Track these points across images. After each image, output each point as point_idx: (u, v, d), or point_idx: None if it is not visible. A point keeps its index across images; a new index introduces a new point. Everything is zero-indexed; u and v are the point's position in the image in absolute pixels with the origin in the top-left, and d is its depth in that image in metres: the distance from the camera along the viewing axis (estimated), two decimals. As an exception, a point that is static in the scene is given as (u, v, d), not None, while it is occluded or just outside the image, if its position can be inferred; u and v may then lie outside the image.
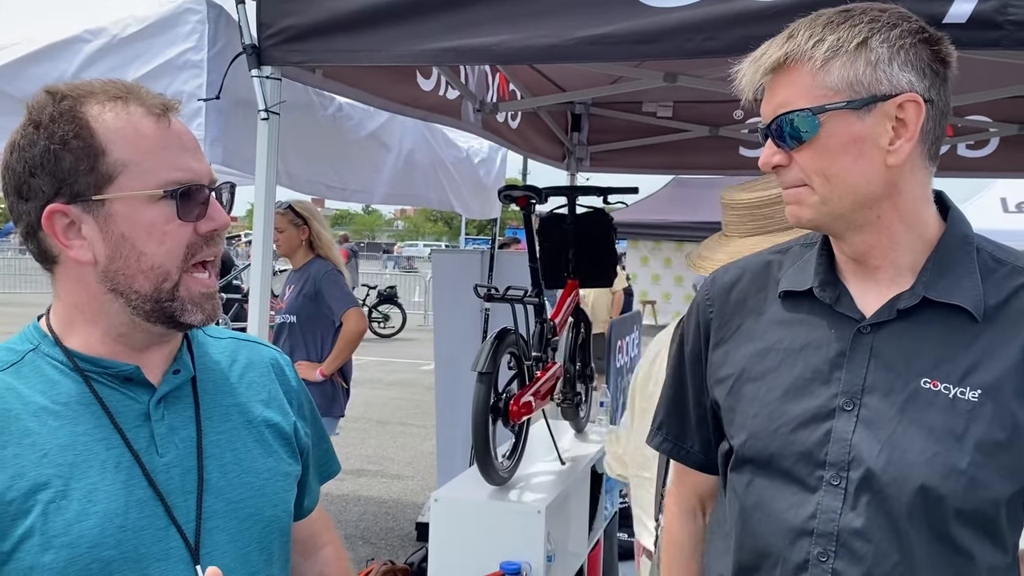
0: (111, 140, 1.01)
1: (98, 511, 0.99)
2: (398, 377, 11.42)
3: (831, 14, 1.15)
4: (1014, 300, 1.17)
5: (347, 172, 3.61)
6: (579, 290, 3.11)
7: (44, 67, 2.42)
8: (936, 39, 1.16)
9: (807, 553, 1.19)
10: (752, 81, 1.19)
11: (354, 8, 2.16)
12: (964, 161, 4.67)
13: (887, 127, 1.13)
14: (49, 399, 1.02)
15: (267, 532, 1.14)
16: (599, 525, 3.12)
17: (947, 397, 1.15)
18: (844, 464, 1.17)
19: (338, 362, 4.15)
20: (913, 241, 1.19)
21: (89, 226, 1.02)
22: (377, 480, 6.50)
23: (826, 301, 1.24)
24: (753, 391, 1.27)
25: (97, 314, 1.05)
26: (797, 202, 1.19)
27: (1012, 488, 1.14)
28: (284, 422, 1.21)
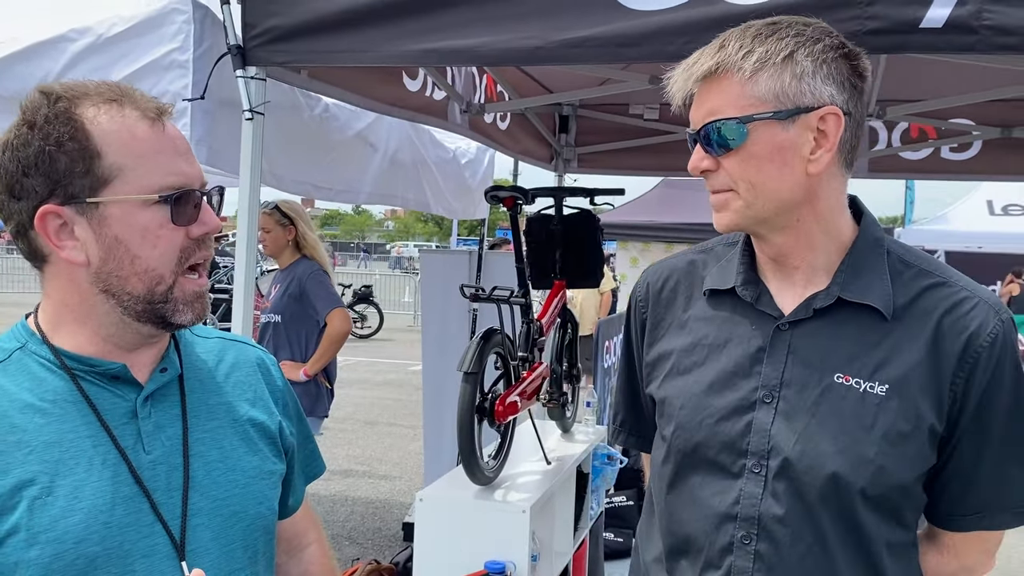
0: (107, 143, 1.02)
1: (83, 507, 1.00)
2: (386, 378, 11.42)
3: (760, 26, 1.22)
4: (919, 300, 1.25)
5: (333, 172, 3.61)
6: (566, 291, 3.12)
7: (29, 66, 2.42)
8: (855, 54, 1.23)
9: (731, 537, 1.27)
10: (683, 88, 1.25)
11: (339, 9, 2.17)
12: (947, 164, 4.71)
13: (809, 137, 1.20)
14: (36, 396, 1.03)
15: (251, 530, 1.15)
16: (585, 525, 3.13)
17: (858, 391, 1.23)
18: (764, 453, 1.26)
19: (322, 362, 4.15)
20: (829, 243, 1.27)
21: (82, 228, 1.03)
22: (364, 480, 6.50)
23: (747, 299, 1.31)
24: (681, 384, 1.35)
25: (87, 314, 1.06)
26: (723, 207, 1.26)
27: (914, 474, 1.24)
28: (269, 421, 1.22)
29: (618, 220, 12.97)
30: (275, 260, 4.38)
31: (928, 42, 1.79)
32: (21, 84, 2.42)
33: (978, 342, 1.22)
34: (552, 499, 2.72)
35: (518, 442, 2.75)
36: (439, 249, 22.21)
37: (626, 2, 1.97)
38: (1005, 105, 4.15)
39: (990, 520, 1.31)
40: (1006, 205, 14.05)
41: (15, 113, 2.61)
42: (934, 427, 1.23)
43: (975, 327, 1.23)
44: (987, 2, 1.75)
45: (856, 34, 1.83)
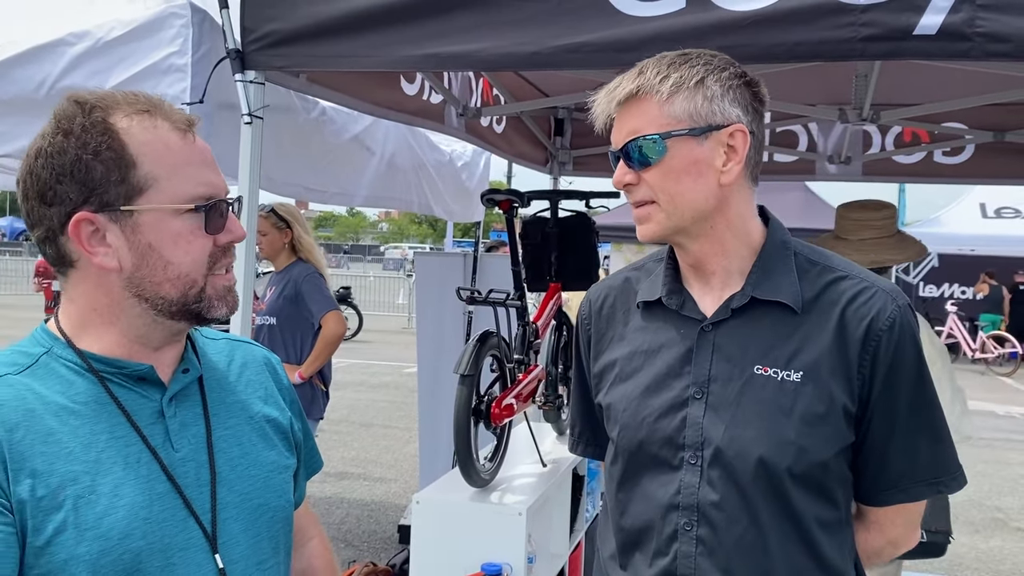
0: (142, 153, 1.05)
1: (124, 504, 1.03)
2: (381, 380, 11.41)
3: (673, 56, 1.36)
4: (824, 294, 1.38)
5: (327, 175, 3.62)
6: (561, 293, 3.13)
7: (28, 70, 2.43)
8: (755, 82, 1.38)
9: (676, 525, 1.38)
10: (606, 110, 1.38)
11: (337, 14, 2.18)
12: (941, 167, 4.74)
13: (720, 152, 1.34)
14: (68, 399, 1.05)
15: (274, 522, 1.20)
16: (580, 527, 3.14)
17: (776, 380, 1.35)
18: (698, 444, 1.37)
19: (317, 364, 4.15)
20: (740, 248, 1.41)
21: (114, 234, 1.06)
22: (360, 483, 6.50)
23: (673, 307, 1.44)
24: (623, 390, 1.47)
25: (116, 316, 1.10)
26: (646, 219, 1.39)
27: (832, 451, 1.34)
28: (281, 417, 1.27)
29: (613, 222, 13.01)
30: (271, 263, 4.38)
31: (922, 49, 1.81)
32: (20, 87, 2.43)
33: (878, 326, 1.34)
34: (548, 501, 2.73)
35: (514, 444, 2.76)
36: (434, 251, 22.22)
37: (623, 8, 1.99)
38: (998, 109, 4.18)
39: (906, 492, 1.41)
40: (999, 208, 14.13)
41: (13, 116, 2.61)
42: (847, 407, 1.34)
43: (874, 313, 1.35)
44: (980, 9, 1.77)
45: (851, 40, 1.85)
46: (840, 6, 1.85)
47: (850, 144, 4.63)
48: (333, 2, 2.18)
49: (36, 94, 2.42)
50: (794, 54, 1.88)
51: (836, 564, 1.38)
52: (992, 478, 7.27)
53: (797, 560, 1.35)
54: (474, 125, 3.98)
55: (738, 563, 1.34)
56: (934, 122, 4.31)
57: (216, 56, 2.36)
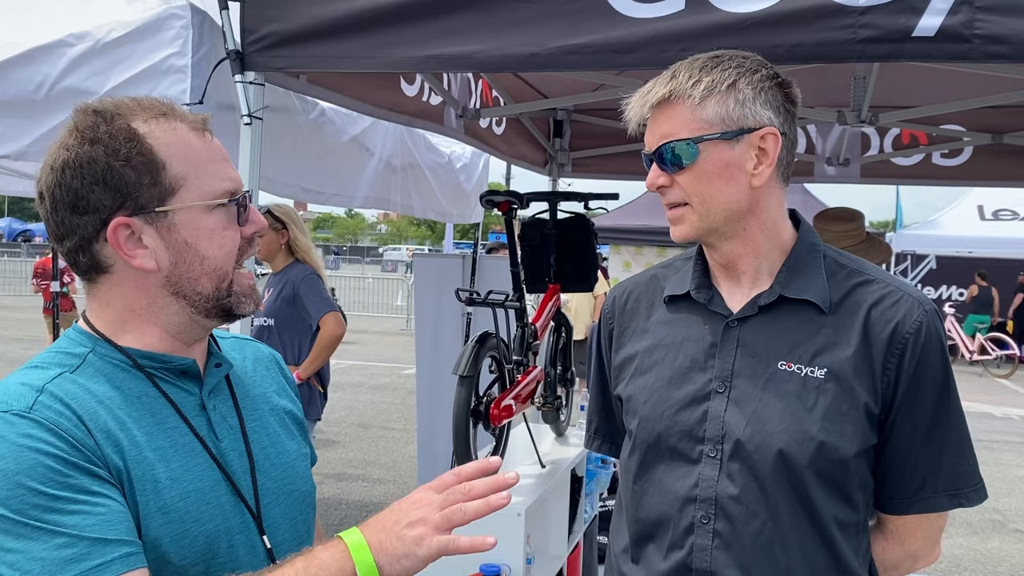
0: (169, 155, 1.09)
1: (193, 490, 1.09)
2: (379, 381, 11.41)
3: (705, 59, 1.38)
4: (851, 296, 1.40)
5: (325, 176, 3.62)
6: (560, 294, 3.14)
7: (28, 70, 2.42)
8: (787, 83, 1.39)
9: (692, 517, 1.39)
10: (639, 113, 1.40)
11: (337, 15, 2.18)
12: (938, 169, 4.75)
13: (752, 155, 1.36)
14: (121, 395, 1.08)
15: (305, 506, 1.27)
16: (579, 528, 3.14)
17: (799, 376, 1.36)
18: (719, 438, 1.38)
19: (315, 366, 4.15)
20: (771, 249, 1.43)
21: (150, 236, 1.09)
22: (358, 484, 6.50)
23: (701, 301, 1.46)
24: (643, 382, 1.48)
25: (155, 316, 1.13)
26: (680, 220, 1.41)
27: (853, 450, 1.35)
28: (296, 409, 1.34)
29: (611, 224, 13.02)
30: (268, 264, 4.38)
31: (921, 50, 1.82)
32: (19, 88, 2.43)
33: (904, 330, 1.36)
34: (547, 502, 2.74)
35: (512, 445, 2.77)
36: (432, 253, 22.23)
37: (622, 9, 1.99)
38: (996, 111, 4.19)
39: (925, 502, 1.41)
40: (997, 210, 14.13)
41: (11, 117, 2.61)
42: (869, 407, 1.35)
43: (900, 317, 1.36)
44: (979, 11, 1.77)
45: (849, 42, 1.86)
46: (838, 8, 1.85)
47: (848, 146, 4.64)
48: (333, 3, 2.19)
49: (35, 95, 2.42)
50: (793, 56, 1.89)
51: (853, 567, 1.38)
52: (990, 479, 7.25)
53: (814, 558, 1.36)
54: (473, 126, 3.98)
55: (755, 557, 1.35)
56: (932, 124, 4.32)
57: (216, 57, 2.36)
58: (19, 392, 1.02)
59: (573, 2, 2.02)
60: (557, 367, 3.16)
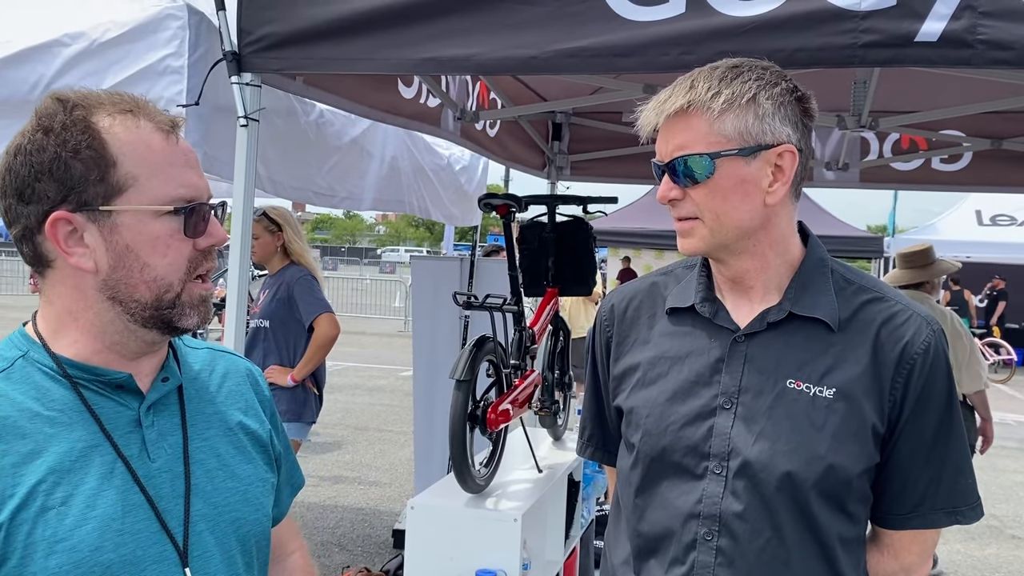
0: (122, 153, 1.03)
1: (97, 515, 1.01)
2: (376, 383, 11.39)
3: (724, 69, 1.34)
4: (860, 313, 1.38)
5: (334, 178, 3.62)
6: (558, 298, 3.12)
7: (22, 70, 2.40)
8: (806, 97, 1.36)
9: (695, 534, 1.37)
10: (653, 121, 1.36)
11: (335, 16, 2.17)
12: (938, 175, 4.74)
13: (768, 171, 1.33)
14: (42, 405, 1.03)
15: (250, 536, 1.17)
16: (576, 533, 3.13)
17: (808, 395, 1.35)
18: (724, 455, 1.36)
19: (309, 367, 4.13)
20: (780, 265, 1.41)
21: (92, 235, 1.04)
22: (354, 487, 6.47)
23: (706, 315, 1.43)
24: (646, 395, 1.45)
25: (91, 321, 1.07)
26: (689, 234, 1.38)
27: (858, 469, 1.34)
28: (261, 430, 1.24)
29: (609, 227, 13.02)
30: (265, 266, 4.36)
31: (923, 56, 1.81)
32: (13, 89, 2.41)
33: (913, 350, 1.35)
34: (543, 507, 2.72)
35: (509, 450, 2.75)
36: (430, 255, 22.19)
37: (622, 12, 1.98)
38: (996, 117, 4.19)
39: (923, 518, 1.41)
40: (995, 215, 14.15)
41: (5, 118, 2.58)
42: (876, 427, 1.35)
43: (910, 336, 1.35)
44: (982, 17, 1.76)
45: (851, 47, 1.85)
46: (840, 12, 1.84)
47: (848, 151, 4.63)
48: (330, 5, 2.17)
49: (30, 96, 2.40)
50: (793, 60, 1.87)
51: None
52: (987, 486, 7.26)
53: (816, 575, 1.35)
54: (469, 129, 3.97)
55: (758, 575, 1.34)
56: (932, 129, 4.31)
57: (213, 58, 2.34)
58: None
59: (572, 5, 2.01)
60: (555, 371, 3.15)
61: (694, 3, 1.92)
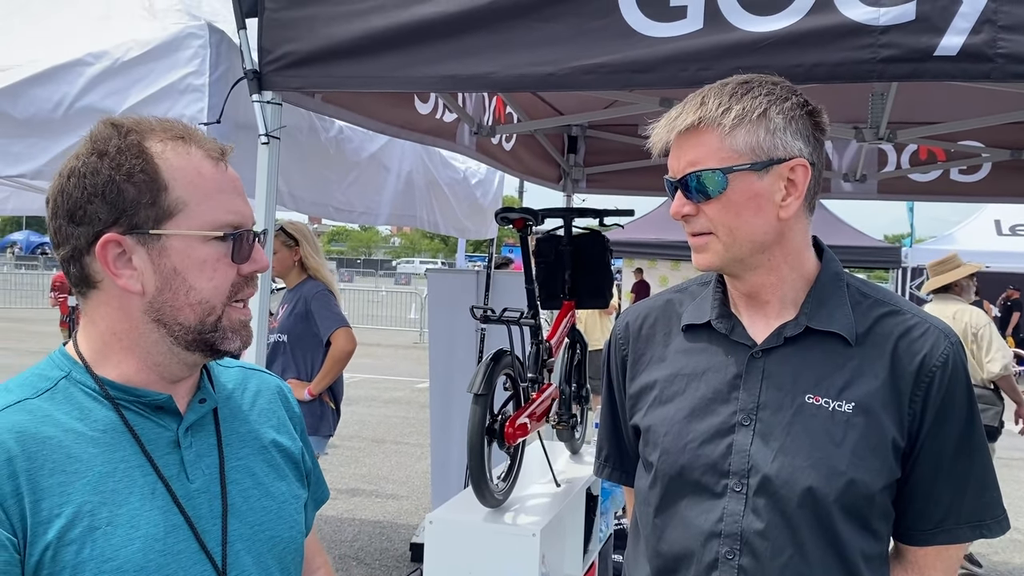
0: (174, 178, 1.06)
1: (141, 536, 1.03)
2: (392, 395, 11.41)
3: (735, 85, 1.35)
4: (877, 327, 1.38)
5: (352, 194, 3.64)
6: (575, 311, 3.12)
7: (47, 89, 2.44)
8: (817, 112, 1.37)
9: (716, 553, 1.36)
10: (665, 138, 1.37)
11: (354, 35, 2.19)
12: (957, 186, 4.71)
13: (780, 186, 1.33)
14: (86, 426, 1.05)
15: (286, 554, 1.19)
16: (594, 547, 3.12)
17: (827, 410, 1.34)
18: (744, 472, 1.35)
19: (326, 381, 4.15)
20: (796, 279, 1.40)
21: (140, 257, 1.06)
22: (372, 500, 6.48)
23: (722, 331, 1.43)
24: (663, 413, 1.45)
25: (135, 342, 1.09)
26: (703, 249, 1.38)
27: (880, 485, 1.34)
28: (293, 447, 1.27)
29: (624, 237, 12.99)
30: (282, 280, 4.39)
31: (942, 70, 1.80)
32: (38, 107, 2.44)
33: (931, 363, 1.34)
34: (562, 522, 2.71)
35: (527, 464, 2.75)
36: (446, 268, 22.25)
37: (640, 29, 1.98)
38: (1015, 127, 4.16)
39: (948, 533, 1.39)
40: (1014, 225, 14.03)
41: (34, 135, 2.62)
42: (896, 441, 1.34)
43: (928, 349, 1.35)
44: (1002, 30, 1.75)
45: (870, 62, 1.84)
46: (859, 27, 1.84)
47: (865, 162, 4.61)
48: (350, 23, 2.19)
49: (53, 114, 2.44)
50: (812, 76, 1.87)
51: None
52: (1009, 498, 7.16)
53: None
54: (484, 143, 3.98)
55: None
56: (951, 140, 4.29)
57: (233, 76, 2.37)
58: None
59: (590, 22, 2.02)
60: (572, 384, 3.15)
61: (712, 19, 1.93)
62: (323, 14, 2.21)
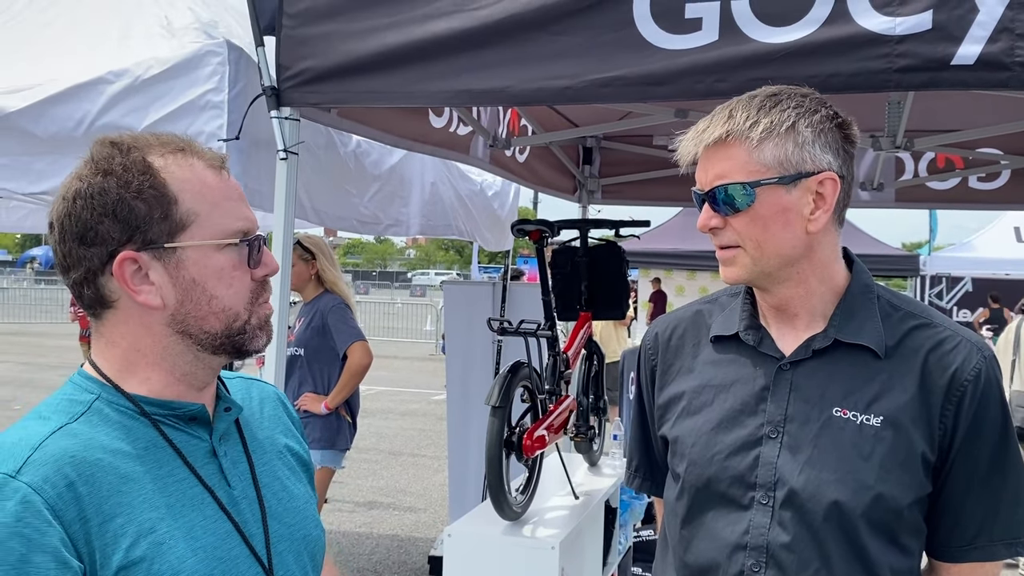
0: (182, 190, 1.07)
1: (200, 546, 1.05)
2: (409, 407, 11.42)
3: (763, 97, 1.35)
4: (907, 340, 1.37)
5: (376, 206, 3.67)
6: (592, 322, 3.12)
7: (68, 107, 2.47)
8: (847, 124, 1.36)
9: (742, 565, 1.35)
10: (693, 151, 1.37)
11: (371, 51, 2.21)
12: (976, 193, 4.68)
13: (809, 199, 1.33)
14: (129, 445, 1.05)
15: (316, 551, 1.24)
16: (613, 560, 3.10)
17: (855, 423, 1.33)
18: (771, 485, 1.35)
19: (342, 395, 4.16)
20: (825, 292, 1.39)
21: (157, 272, 1.07)
22: (389, 513, 6.48)
23: (751, 343, 1.43)
24: (691, 424, 1.45)
25: (161, 356, 1.10)
26: (731, 262, 1.38)
27: (909, 499, 1.32)
28: (302, 450, 1.31)
29: (641, 248, 12.97)
30: (299, 294, 4.41)
31: (960, 79, 1.79)
32: (60, 125, 2.48)
33: (963, 377, 1.32)
34: (581, 534, 2.70)
35: (545, 476, 2.74)
36: (461, 279, 22.28)
37: (655, 41, 1.98)
38: (1034, 134, 4.12)
39: (982, 550, 1.37)
40: (1034, 231, 13.90)
41: (52, 153, 2.65)
42: (926, 456, 1.32)
43: (959, 363, 1.33)
44: (1019, 39, 1.74)
45: (886, 72, 1.84)
46: (875, 37, 1.83)
47: (882, 171, 4.59)
48: (367, 40, 2.21)
49: (75, 132, 2.47)
50: (828, 86, 1.86)
51: None
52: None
53: None
54: (499, 156, 4.00)
55: None
56: (969, 148, 4.26)
57: (252, 93, 2.39)
58: (13, 449, 0.98)
59: (605, 35, 2.02)
60: (589, 396, 3.14)
61: (727, 30, 1.93)
62: (340, 31, 2.23)
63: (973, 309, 17.02)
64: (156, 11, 2.66)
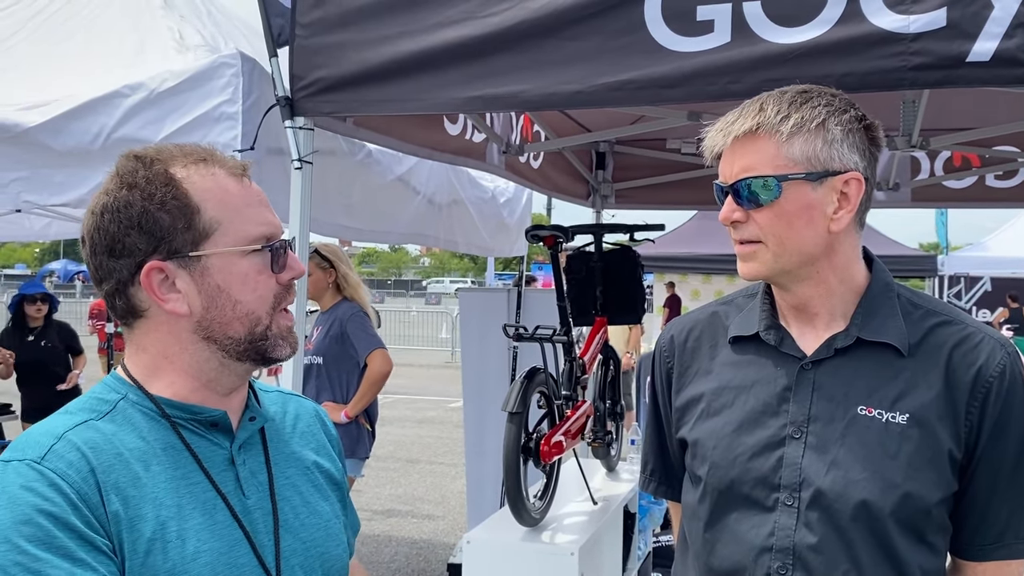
0: (204, 199, 1.09)
1: (209, 549, 1.06)
2: (426, 415, 11.42)
3: (794, 93, 1.34)
4: (930, 337, 1.36)
5: (367, 214, 3.68)
6: (607, 327, 3.11)
7: (86, 121, 2.50)
8: (873, 126, 1.36)
9: (768, 568, 1.33)
10: (719, 144, 1.36)
11: (383, 59, 2.22)
12: (992, 192, 4.64)
13: (833, 198, 1.32)
14: (147, 444, 1.07)
15: (334, 571, 1.22)
16: (632, 565, 3.09)
17: (880, 421, 1.32)
18: (796, 486, 1.33)
19: (362, 404, 4.16)
20: (845, 292, 1.38)
21: (183, 280, 1.09)
22: (408, 520, 6.48)
23: (771, 343, 1.41)
24: (711, 426, 1.43)
25: (188, 362, 1.12)
26: (751, 257, 1.36)
27: (937, 498, 1.31)
28: (334, 469, 1.30)
29: (655, 252, 12.93)
30: (316, 303, 4.42)
31: (975, 76, 1.78)
32: (78, 139, 2.51)
33: (988, 373, 1.31)
34: (600, 540, 2.69)
35: (563, 482, 2.74)
36: (477, 287, 22.29)
37: (667, 44, 1.98)
38: (1051, 131, 4.09)
39: (1008, 548, 1.36)
40: (1052, 230, 13.75)
41: (70, 167, 2.68)
42: (953, 453, 1.31)
43: (984, 359, 1.32)
44: (1035, 35, 1.73)
45: (900, 70, 1.83)
46: (889, 36, 1.83)
47: (898, 170, 4.56)
48: (378, 49, 2.22)
49: (92, 146, 2.50)
50: (842, 86, 1.83)
51: None
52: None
53: None
54: (513, 162, 4.00)
55: None
56: (985, 146, 4.23)
57: (266, 103, 2.41)
58: (38, 440, 1.02)
59: (617, 39, 2.02)
60: (606, 401, 3.13)
61: (739, 32, 1.92)
62: (353, 40, 2.24)
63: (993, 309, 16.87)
64: (171, 25, 2.69)
